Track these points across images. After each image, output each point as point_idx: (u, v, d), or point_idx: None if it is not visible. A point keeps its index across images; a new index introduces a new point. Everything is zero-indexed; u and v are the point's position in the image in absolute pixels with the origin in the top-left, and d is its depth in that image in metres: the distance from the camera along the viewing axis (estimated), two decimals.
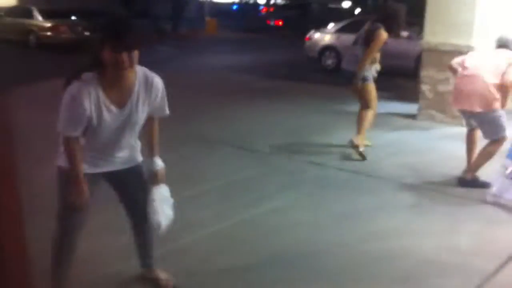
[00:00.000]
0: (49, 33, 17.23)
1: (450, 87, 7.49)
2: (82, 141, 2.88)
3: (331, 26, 14.79)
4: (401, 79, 11.65)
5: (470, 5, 7.21)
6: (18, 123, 6.73)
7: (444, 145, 6.62)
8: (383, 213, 4.58)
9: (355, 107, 6.38)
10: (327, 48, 14.20)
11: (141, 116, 2.96)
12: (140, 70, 2.90)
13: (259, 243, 4.06)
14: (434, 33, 7.58)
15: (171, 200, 3.15)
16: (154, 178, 3.10)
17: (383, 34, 5.74)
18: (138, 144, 3.12)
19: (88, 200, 2.90)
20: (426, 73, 7.74)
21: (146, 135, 3.14)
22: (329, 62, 14.12)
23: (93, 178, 2.97)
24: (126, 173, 3.09)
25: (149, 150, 3.13)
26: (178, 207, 4.37)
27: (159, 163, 3.11)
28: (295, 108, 8.64)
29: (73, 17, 19.02)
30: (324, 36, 14.53)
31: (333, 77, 10.99)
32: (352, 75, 5.91)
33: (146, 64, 2.97)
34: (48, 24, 17.26)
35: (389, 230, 4.26)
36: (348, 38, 13.88)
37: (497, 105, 4.85)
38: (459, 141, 5.69)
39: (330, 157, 6.06)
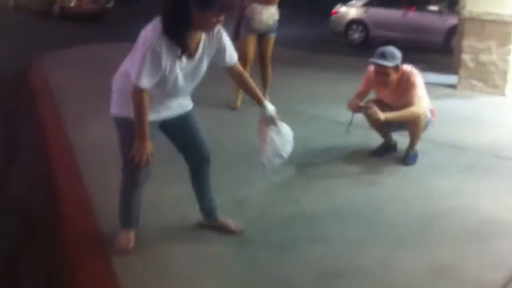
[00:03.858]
0: (72, 4, 17.17)
1: (492, 57, 7.41)
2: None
3: (355, 0, 14.53)
4: (432, 53, 11.50)
5: None
6: (57, 85, 6.80)
7: (487, 114, 6.52)
8: (438, 174, 4.50)
9: None
10: (354, 22, 14.03)
11: (205, 66, 2.95)
12: None
13: (317, 198, 4.02)
14: (477, 2, 7.41)
15: (290, 135, 3.13)
16: (271, 121, 3.06)
17: None
18: None
19: (151, 157, 2.85)
20: (468, 42, 7.58)
21: (242, 86, 3.18)
22: (356, 36, 13.95)
23: (153, 126, 2.91)
24: (182, 117, 3.08)
25: (256, 99, 3.10)
26: (229, 165, 4.42)
27: (271, 107, 3.08)
28: (327, 77, 8.56)
29: None
30: (351, 10, 14.31)
31: (361, 51, 10.84)
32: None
33: None
34: None
35: (446, 190, 4.18)
36: (376, 11, 13.80)
37: None
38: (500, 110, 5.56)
39: None
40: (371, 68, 4.58)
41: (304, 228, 3.53)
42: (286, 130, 3.10)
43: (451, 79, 8.18)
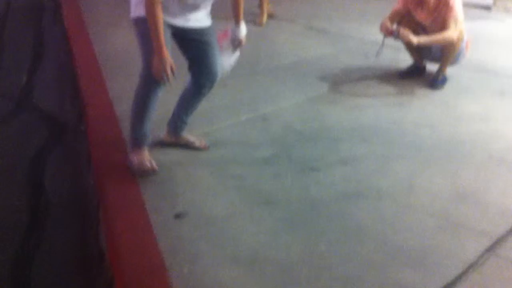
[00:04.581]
0: None
1: None
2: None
3: None
4: None
5: None
6: None
7: None
8: (467, 98, 4.40)
9: None
10: None
11: None
12: None
13: (342, 117, 3.98)
14: None
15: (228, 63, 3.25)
16: (238, 42, 3.20)
17: None
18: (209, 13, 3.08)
19: (170, 67, 2.81)
20: None
21: (232, 7, 3.16)
22: None
23: (169, 33, 2.89)
24: (199, 33, 3.02)
25: (235, 19, 3.17)
26: (256, 79, 4.37)
27: (244, 31, 3.19)
28: None
29: None
30: None
31: None
32: None
33: None
34: None
35: (474, 114, 4.09)
36: None
37: None
38: None
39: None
40: None
41: (328, 147, 3.50)
42: (234, 57, 3.27)
43: (486, 0, 7.85)
